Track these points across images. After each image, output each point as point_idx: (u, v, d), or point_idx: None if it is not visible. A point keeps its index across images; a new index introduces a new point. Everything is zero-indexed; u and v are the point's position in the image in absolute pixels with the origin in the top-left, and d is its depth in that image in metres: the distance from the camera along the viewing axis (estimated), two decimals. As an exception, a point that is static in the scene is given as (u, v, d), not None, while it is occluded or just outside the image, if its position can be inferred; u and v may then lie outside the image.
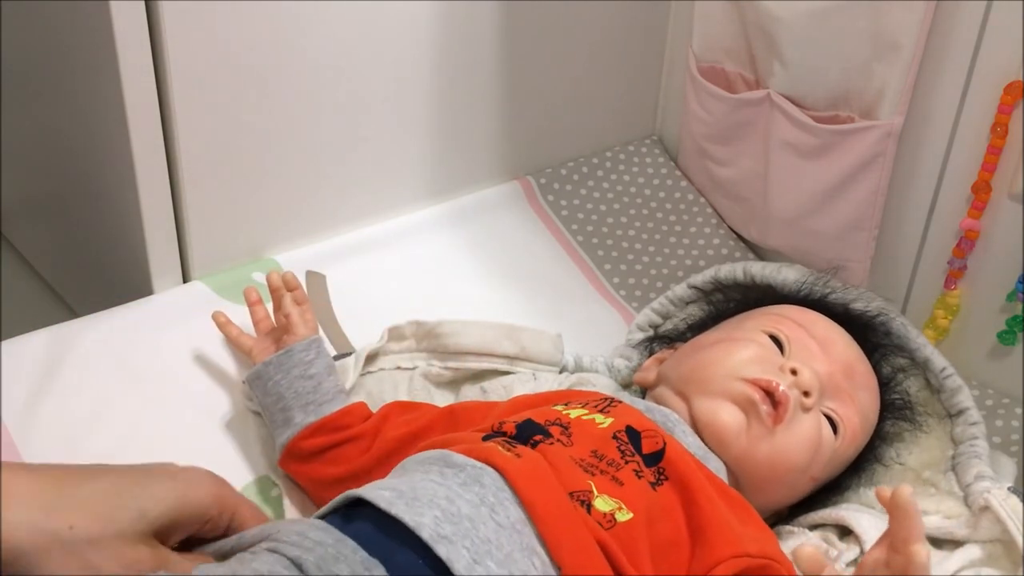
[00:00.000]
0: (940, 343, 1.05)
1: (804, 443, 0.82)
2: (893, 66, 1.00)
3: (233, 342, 0.94)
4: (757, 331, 0.88)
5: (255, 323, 0.94)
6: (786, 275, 1.01)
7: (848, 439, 0.85)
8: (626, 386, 0.98)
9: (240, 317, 0.98)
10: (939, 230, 1.05)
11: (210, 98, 0.95)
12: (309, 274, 1.05)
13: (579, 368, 0.98)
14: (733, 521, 0.73)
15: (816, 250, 1.10)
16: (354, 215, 1.11)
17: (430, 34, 1.07)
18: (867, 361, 0.90)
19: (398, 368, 0.95)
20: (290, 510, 0.85)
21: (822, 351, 0.86)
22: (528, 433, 0.76)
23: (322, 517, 0.70)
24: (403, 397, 0.93)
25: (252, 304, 0.95)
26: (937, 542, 0.85)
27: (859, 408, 0.86)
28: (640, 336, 1.04)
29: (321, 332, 0.95)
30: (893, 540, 0.69)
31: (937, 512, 0.86)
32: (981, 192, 1.00)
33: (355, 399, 0.89)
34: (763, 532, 0.76)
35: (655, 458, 0.75)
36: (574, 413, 0.79)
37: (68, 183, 1.13)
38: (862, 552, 0.81)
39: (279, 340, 0.91)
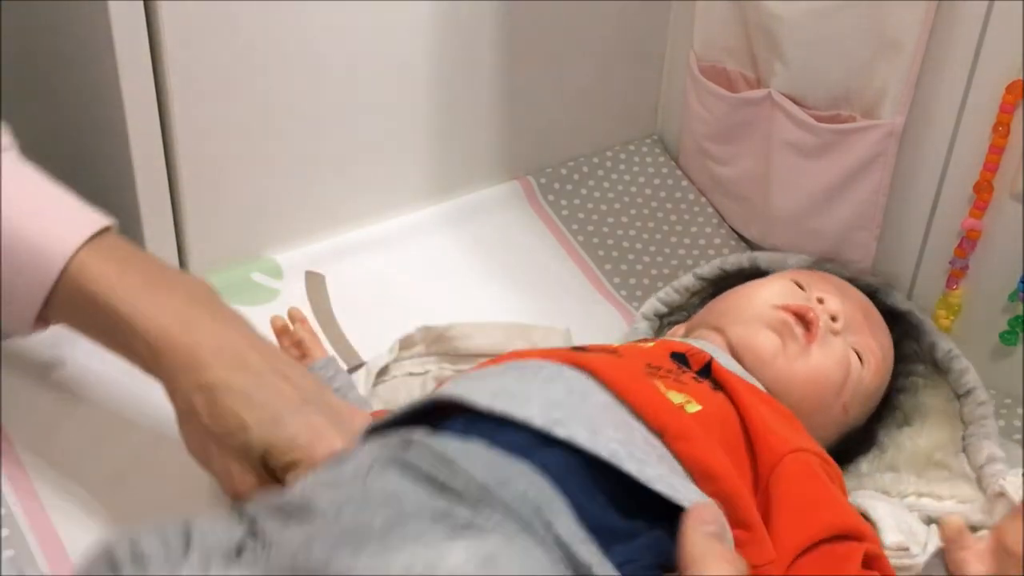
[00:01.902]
0: (942, 343, 1.05)
1: (837, 362, 0.87)
2: (894, 65, 1.00)
3: None
4: (779, 277, 0.94)
5: None
6: (793, 262, 1.04)
7: (873, 369, 0.90)
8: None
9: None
10: (941, 230, 1.05)
11: (209, 98, 0.95)
12: (309, 274, 1.05)
13: None
14: (777, 425, 0.76)
15: (817, 250, 1.09)
16: (354, 215, 1.11)
17: (430, 34, 1.07)
18: (876, 310, 0.95)
19: (409, 374, 0.96)
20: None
21: (839, 292, 0.92)
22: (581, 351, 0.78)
23: (402, 422, 0.68)
24: None
25: None
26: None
27: (879, 343, 0.91)
28: (645, 325, 1.05)
29: (321, 333, 0.95)
30: None
31: (952, 497, 0.88)
32: (983, 192, 0.99)
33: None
34: (809, 439, 0.79)
35: (705, 371, 0.79)
36: (617, 345, 0.83)
37: (67, 183, 1.13)
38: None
39: None
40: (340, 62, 1.02)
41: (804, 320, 0.87)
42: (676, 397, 0.73)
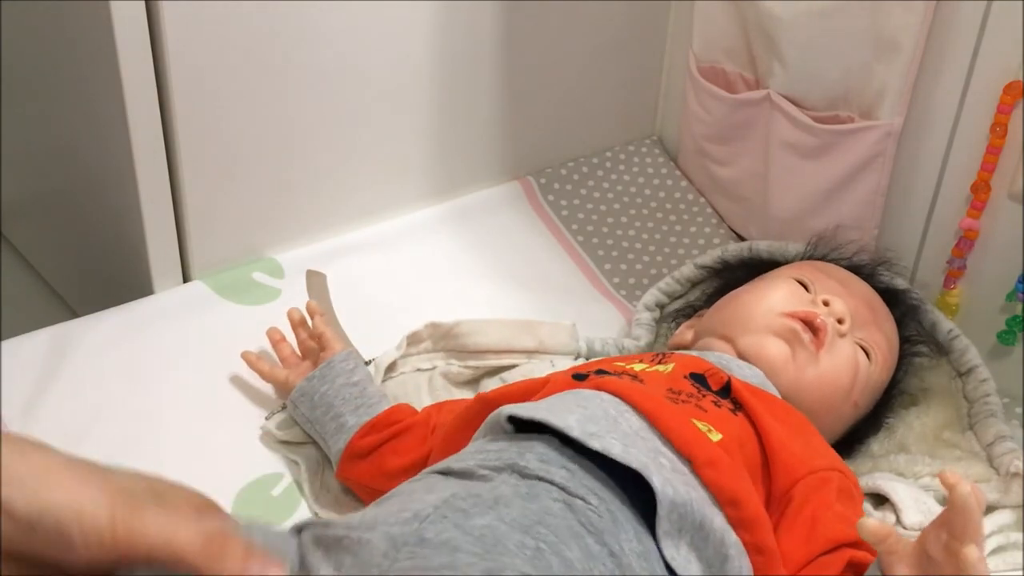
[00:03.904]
0: (940, 343, 1.06)
1: (846, 365, 0.88)
2: (893, 66, 1.00)
3: (267, 376, 0.94)
4: (783, 277, 0.93)
5: (282, 360, 0.95)
6: (794, 250, 1.05)
7: (880, 363, 0.91)
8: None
9: (239, 317, 0.98)
10: (939, 230, 1.05)
11: (210, 98, 0.96)
12: (309, 273, 1.05)
13: (592, 353, 0.99)
14: (794, 445, 0.77)
15: (816, 250, 1.10)
16: (354, 215, 1.11)
17: (431, 34, 1.07)
18: (880, 299, 0.96)
19: (417, 370, 0.96)
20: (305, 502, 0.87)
21: (844, 288, 0.92)
22: (606, 375, 0.79)
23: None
24: (425, 398, 0.94)
25: (277, 343, 0.96)
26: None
27: (885, 335, 0.92)
28: (647, 316, 1.05)
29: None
30: (950, 531, 0.63)
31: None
32: (980, 192, 1.00)
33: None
34: (824, 446, 0.81)
35: (725, 391, 0.80)
36: (637, 367, 0.83)
37: (69, 183, 1.13)
38: (898, 520, 0.83)
39: (316, 360, 0.92)
40: (341, 63, 1.02)
41: (812, 327, 0.87)
42: (699, 425, 0.74)
